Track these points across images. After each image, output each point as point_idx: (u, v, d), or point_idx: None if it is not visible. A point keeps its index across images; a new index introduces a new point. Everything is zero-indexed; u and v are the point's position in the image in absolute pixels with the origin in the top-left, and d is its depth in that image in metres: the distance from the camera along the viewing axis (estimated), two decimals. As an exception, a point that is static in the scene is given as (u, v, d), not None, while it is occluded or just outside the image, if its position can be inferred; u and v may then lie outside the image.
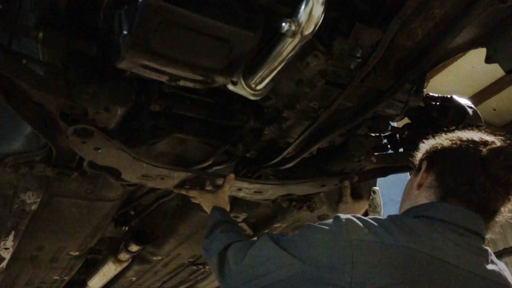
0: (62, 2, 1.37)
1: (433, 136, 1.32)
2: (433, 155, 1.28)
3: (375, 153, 2.02)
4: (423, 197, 1.25)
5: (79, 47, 1.39)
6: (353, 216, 1.15)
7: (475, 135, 1.24)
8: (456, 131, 1.29)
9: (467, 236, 1.16)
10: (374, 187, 2.70)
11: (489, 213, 1.21)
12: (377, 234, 1.09)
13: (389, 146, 2.16)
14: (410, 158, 1.38)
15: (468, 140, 1.23)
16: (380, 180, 2.70)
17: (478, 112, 2.05)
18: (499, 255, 10.81)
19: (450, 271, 1.08)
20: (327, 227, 1.16)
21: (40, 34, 1.34)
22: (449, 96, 2.05)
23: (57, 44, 1.38)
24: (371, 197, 2.63)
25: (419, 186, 1.28)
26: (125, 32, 1.18)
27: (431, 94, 2.09)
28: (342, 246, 1.08)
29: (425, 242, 1.09)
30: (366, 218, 1.13)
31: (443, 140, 1.28)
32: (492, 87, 8.62)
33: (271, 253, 1.24)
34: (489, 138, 1.23)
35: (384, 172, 2.20)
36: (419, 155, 1.34)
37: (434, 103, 2.06)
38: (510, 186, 1.19)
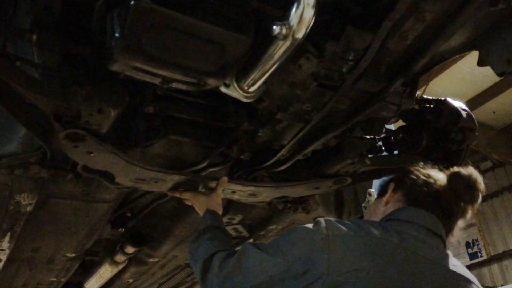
0: (56, 5, 1.38)
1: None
2: (401, 177, 1.48)
3: (370, 155, 2.02)
4: (391, 208, 1.41)
5: (73, 49, 1.41)
6: (332, 218, 1.30)
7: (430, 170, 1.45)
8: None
9: (430, 237, 1.30)
10: (370, 189, 2.71)
11: (449, 223, 1.38)
12: (351, 229, 1.24)
13: (383, 148, 2.16)
14: (405, 160, 1.49)
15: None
16: (376, 182, 2.71)
17: (472, 114, 2.06)
18: (499, 258, 10.84)
19: (420, 260, 1.22)
20: (306, 227, 1.29)
21: (34, 37, 1.35)
22: (443, 98, 2.06)
23: (51, 46, 1.39)
24: (366, 199, 2.64)
25: (386, 203, 1.44)
26: (117, 35, 1.19)
27: (425, 96, 2.10)
28: (320, 239, 1.21)
29: (394, 235, 1.24)
30: (342, 220, 1.28)
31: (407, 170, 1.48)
32: (492, 89, 8.66)
33: (255, 258, 1.32)
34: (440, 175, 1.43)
35: (379, 174, 2.20)
36: (381, 184, 1.54)
37: (428, 105, 2.07)
38: (471, 202, 1.38)
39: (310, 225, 1.29)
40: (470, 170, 1.41)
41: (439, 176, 1.41)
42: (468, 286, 1.29)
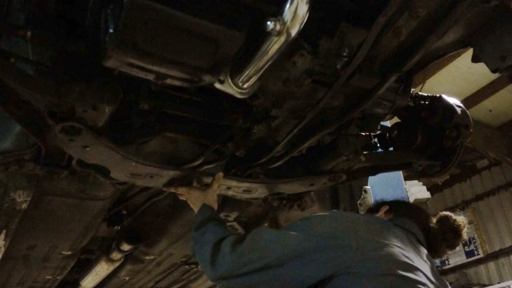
0: (50, 2, 1.38)
1: None
2: (396, 203, 1.62)
3: (365, 152, 2.03)
4: None
5: (68, 45, 1.40)
6: None
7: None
8: None
9: (420, 245, 1.41)
10: (366, 187, 2.72)
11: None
12: (369, 217, 1.43)
13: (379, 145, 2.17)
14: (400, 156, 1.61)
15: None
16: (371, 179, 2.72)
17: (467, 111, 2.06)
18: (496, 256, 10.87)
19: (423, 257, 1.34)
20: (323, 213, 1.40)
21: (29, 33, 1.35)
22: (438, 95, 2.07)
23: (45, 43, 1.39)
24: (362, 197, 2.65)
25: None
26: (111, 31, 1.19)
27: (420, 93, 2.11)
28: (343, 221, 1.32)
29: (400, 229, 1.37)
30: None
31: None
32: (488, 88, 8.68)
33: (272, 235, 1.36)
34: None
35: (374, 171, 2.21)
36: (373, 203, 1.69)
37: (423, 102, 2.08)
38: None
39: (326, 213, 1.40)
40: (460, 219, 1.55)
41: (431, 217, 1.57)
42: None
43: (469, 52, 1.73)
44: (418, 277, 1.23)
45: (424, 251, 1.41)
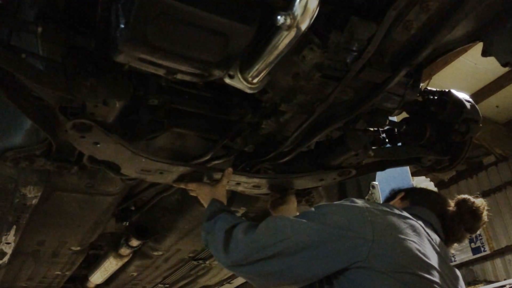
0: (60, -3, 1.38)
1: None
2: (412, 189, 1.61)
3: (373, 147, 2.02)
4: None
5: (78, 41, 1.41)
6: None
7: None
8: None
9: (434, 233, 1.40)
10: (373, 182, 2.71)
11: (447, 242, 1.48)
12: (386, 207, 1.36)
13: (387, 140, 2.17)
14: (408, 151, 1.59)
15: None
16: (379, 175, 2.71)
17: (476, 106, 2.05)
18: (502, 252, 10.83)
19: (436, 249, 1.33)
20: (340, 202, 1.37)
21: (39, 29, 1.36)
22: (447, 90, 2.06)
23: (56, 38, 1.39)
24: (370, 192, 2.64)
25: None
26: (122, 26, 1.19)
27: (429, 88, 2.10)
28: (358, 212, 1.28)
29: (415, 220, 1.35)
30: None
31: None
32: (495, 84, 8.64)
33: (286, 223, 1.34)
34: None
35: (382, 166, 2.20)
36: (390, 192, 1.67)
37: (432, 97, 2.07)
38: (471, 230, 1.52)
39: (342, 201, 1.36)
40: (479, 201, 1.51)
41: (449, 201, 1.54)
42: (460, 283, 1.39)
43: (476, 48, 1.72)
44: (434, 277, 1.21)
45: (438, 239, 1.40)
